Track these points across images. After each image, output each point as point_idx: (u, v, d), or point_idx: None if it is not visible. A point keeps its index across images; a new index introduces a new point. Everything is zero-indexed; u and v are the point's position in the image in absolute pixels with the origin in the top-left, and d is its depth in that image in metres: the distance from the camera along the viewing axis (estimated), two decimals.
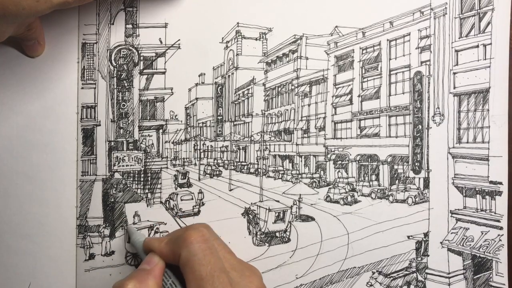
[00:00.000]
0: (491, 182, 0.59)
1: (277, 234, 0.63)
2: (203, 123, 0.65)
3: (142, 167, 0.62)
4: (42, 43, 0.58)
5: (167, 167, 0.63)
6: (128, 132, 0.62)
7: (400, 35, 0.62)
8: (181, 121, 0.63)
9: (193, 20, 0.61)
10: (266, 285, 0.61)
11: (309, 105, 0.66)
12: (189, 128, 0.64)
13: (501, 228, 0.58)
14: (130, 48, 0.61)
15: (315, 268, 0.62)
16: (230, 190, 0.64)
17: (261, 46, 0.64)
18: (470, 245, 0.60)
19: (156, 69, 0.62)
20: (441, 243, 0.61)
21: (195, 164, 0.64)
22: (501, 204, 0.58)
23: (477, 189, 0.59)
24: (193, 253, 0.44)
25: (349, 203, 0.62)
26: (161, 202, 0.62)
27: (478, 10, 0.59)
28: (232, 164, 0.65)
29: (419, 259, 0.61)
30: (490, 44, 0.58)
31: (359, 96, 0.64)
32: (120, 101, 0.62)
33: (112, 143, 0.62)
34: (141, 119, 0.62)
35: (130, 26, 0.61)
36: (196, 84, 0.62)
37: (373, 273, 0.62)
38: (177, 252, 0.46)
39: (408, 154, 0.61)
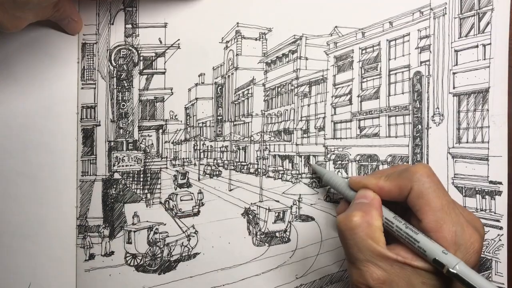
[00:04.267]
0: (490, 182, 0.59)
1: (277, 234, 0.63)
2: (203, 123, 0.65)
3: (142, 167, 0.62)
4: (76, 19, 0.59)
5: (166, 167, 0.63)
6: (128, 132, 0.62)
7: (400, 35, 0.62)
8: (181, 121, 0.63)
9: (193, 20, 0.61)
10: (266, 285, 0.61)
11: (308, 105, 0.66)
12: (189, 128, 0.64)
13: (500, 228, 0.58)
14: (130, 48, 0.61)
15: (315, 268, 0.62)
16: (230, 190, 0.64)
17: (261, 46, 0.64)
18: None
19: (156, 69, 0.62)
20: None
21: (195, 164, 0.64)
22: (501, 204, 0.58)
23: (477, 189, 0.59)
24: (427, 185, 0.45)
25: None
26: (160, 203, 0.62)
27: (478, 10, 0.59)
28: (232, 164, 0.65)
29: None
30: (490, 44, 0.58)
31: (358, 96, 0.64)
32: (120, 101, 0.62)
33: (112, 143, 0.62)
34: (141, 119, 0.62)
35: (130, 26, 0.61)
36: (196, 84, 0.62)
37: None
38: (405, 186, 0.46)
39: (408, 154, 0.61)
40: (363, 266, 0.44)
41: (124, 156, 0.62)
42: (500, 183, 0.58)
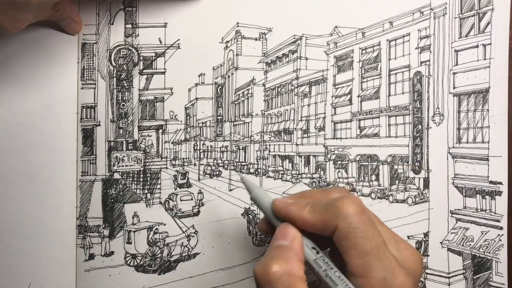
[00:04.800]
0: (491, 182, 0.59)
1: None
2: (203, 123, 0.65)
3: (142, 167, 0.62)
4: (76, 20, 0.59)
5: (166, 167, 0.63)
6: (127, 132, 0.62)
7: (400, 35, 0.62)
8: (181, 121, 0.63)
9: (193, 20, 0.61)
10: None
11: (308, 105, 0.66)
12: (189, 128, 0.64)
13: (501, 228, 0.58)
14: (130, 48, 0.61)
15: None
16: (230, 190, 0.64)
17: (261, 46, 0.64)
18: (470, 245, 0.60)
19: (156, 69, 0.62)
20: (441, 243, 0.61)
21: (195, 164, 0.64)
22: (501, 204, 0.58)
23: (477, 189, 0.59)
24: (355, 225, 0.39)
25: None
26: (160, 203, 0.62)
27: (478, 10, 0.59)
28: (232, 164, 0.65)
29: None
30: (490, 44, 0.58)
31: (358, 96, 0.64)
32: (120, 101, 0.62)
33: (112, 143, 0.62)
34: (140, 119, 0.62)
35: (130, 26, 0.61)
36: (196, 84, 0.62)
37: None
38: (331, 223, 0.40)
39: (408, 154, 0.61)
40: None
41: (124, 156, 0.62)
42: (500, 183, 0.58)
